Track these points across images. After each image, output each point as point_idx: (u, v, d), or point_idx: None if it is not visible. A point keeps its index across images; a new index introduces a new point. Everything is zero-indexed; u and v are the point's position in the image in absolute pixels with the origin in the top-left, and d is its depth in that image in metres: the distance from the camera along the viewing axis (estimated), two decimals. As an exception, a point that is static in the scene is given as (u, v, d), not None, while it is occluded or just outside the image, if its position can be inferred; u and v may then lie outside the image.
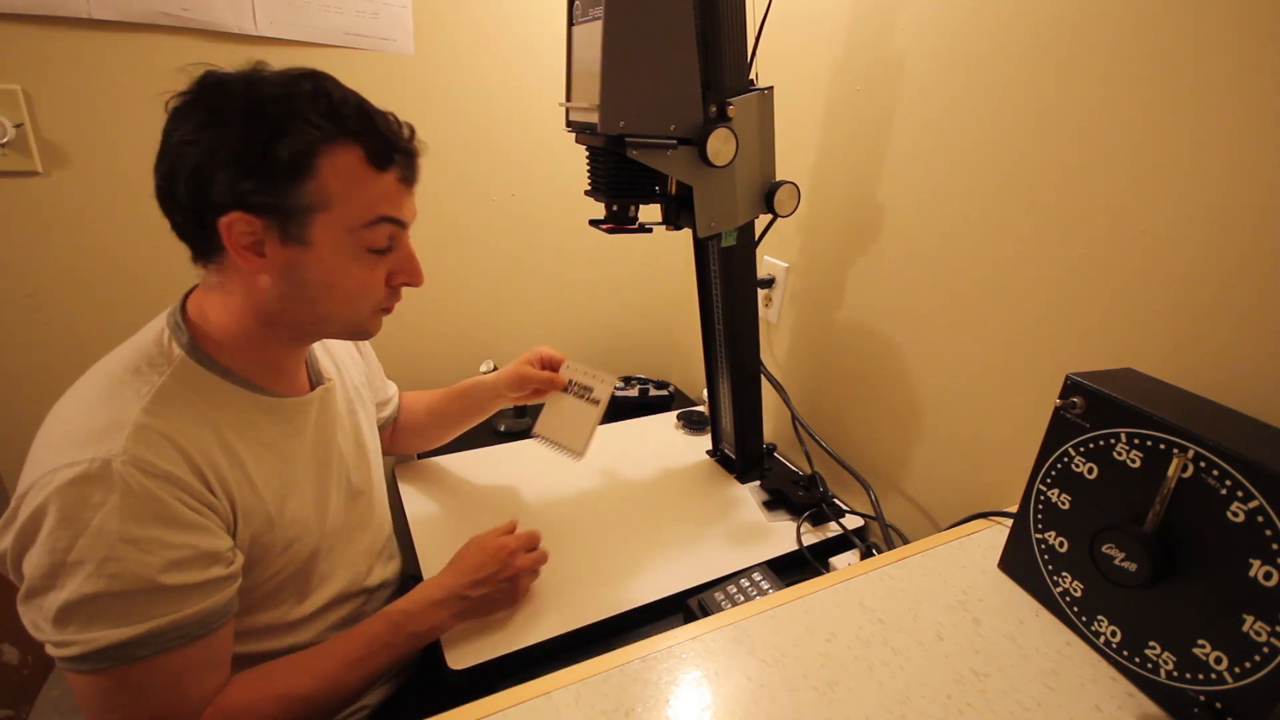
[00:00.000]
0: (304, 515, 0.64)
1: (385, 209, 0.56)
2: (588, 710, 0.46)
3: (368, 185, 0.55)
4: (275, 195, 0.52)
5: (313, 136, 0.51)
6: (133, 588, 0.49)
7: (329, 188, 0.53)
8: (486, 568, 0.68)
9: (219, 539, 0.54)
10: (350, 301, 0.59)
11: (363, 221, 0.55)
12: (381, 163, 0.55)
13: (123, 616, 0.49)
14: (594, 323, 1.41)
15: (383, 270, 0.59)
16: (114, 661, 0.49)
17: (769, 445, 1.04)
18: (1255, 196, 0.54)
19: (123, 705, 0.51)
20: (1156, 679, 0.48)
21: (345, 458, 0.72)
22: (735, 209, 0.77)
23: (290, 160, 0.51)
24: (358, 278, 0.58)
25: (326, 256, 0.55)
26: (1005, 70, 0.72)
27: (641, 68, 0.64)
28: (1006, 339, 0.76)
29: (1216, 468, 0.44)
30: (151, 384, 0.54)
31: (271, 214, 0.52)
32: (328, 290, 0.57)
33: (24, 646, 0.72)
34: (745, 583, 0.73)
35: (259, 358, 0.61)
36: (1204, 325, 0.58)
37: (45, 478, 0.49)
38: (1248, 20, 0.53)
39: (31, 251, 0.92)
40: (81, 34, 0.86)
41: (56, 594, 0.48)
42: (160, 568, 0.50)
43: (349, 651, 0.62)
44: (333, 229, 0.54)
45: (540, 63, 1.13)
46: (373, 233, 0.56)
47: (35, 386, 0.96)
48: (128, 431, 0.50)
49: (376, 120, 0.55)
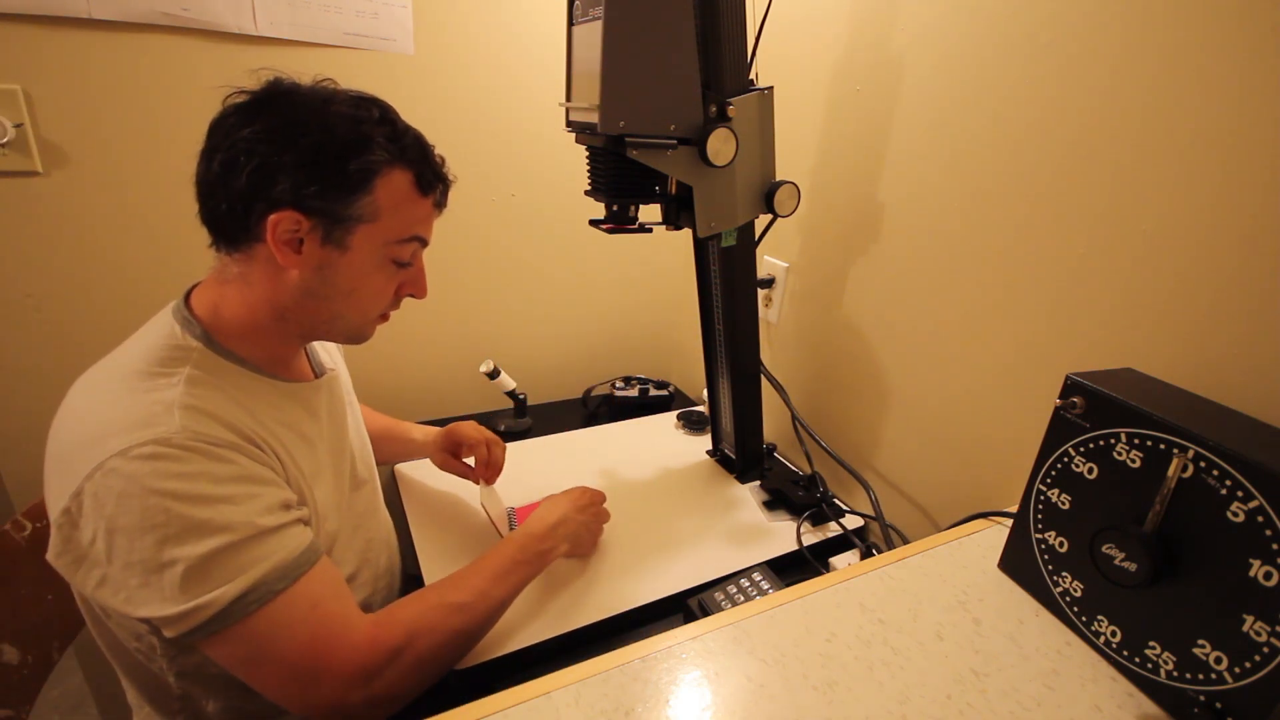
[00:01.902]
0: (327, 497, 0.67)
1: (420, 229, 0.63)
2: (588, 710, 0.46)
3: (412, 207, 0.61)
4: (333, 203, 0.56)
5: (379, 158, 0.57)
6: (244, 535, 0.52)
7: (380, 204, 0.58)
8: (584, 499, 0.81)
9: (287, 490, 0.58)
10: (363, 307, 0.63)
11: (400, 237, 0.61)
12: (426, 189, 0.62)
13: (244, 563, 0.51)
14: (594, 323, 1.41)
15: (395, 282, 0.65)
16: (256, 605, 0.51)
17: (769, 445, 1.04)
18: (1255, 196, 0.54)
19: (271, 649, 0.52)
20: (1156, 679, 0.48)
21: (352, 446, 0.75)
22: (735, 209, 0.77)
23: (356, 175, 0.56)
24: (377, 286, 0.63)
25: (358, 263, 0.60)
26: (1005, 70, 0.72)
27: (641, 68, 0.64)
28: (1007, 339, 0.76)
29: (1216, 468, 0.44)
30: (179, 374, 0.56)
31: (322, 217, 0.56)
32: (348, 293, 0.61)
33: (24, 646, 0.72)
34: (745, 583, 0.73)
35: (266, 348, 0.63)
36: (1204, 325, 0.58)
37: (106, 465, 0.49)
38: (1248, 20, 0.53)
39: (31, 251, 0.92)
40: (81, 34, 0.86)
41: (173, 567, 0.49)
42: (258, 512, 0.53)
43: (492, 567, 0.67)
44: (372, 240, 0.59)
45: (540, 63, 1.13)
46: (403, 248, 0.62)
47: (34, 386, 0.96)
48: (177, 412, 0.52)
49: (428, 151, 0.62)
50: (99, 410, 0.53)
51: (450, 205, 0.67)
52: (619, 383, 1.31)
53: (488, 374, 1.15)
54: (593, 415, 1.29)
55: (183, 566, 0.49)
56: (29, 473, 0.98)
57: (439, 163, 0.64)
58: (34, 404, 0.96)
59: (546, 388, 1.36)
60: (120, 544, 0.49)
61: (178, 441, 0.51)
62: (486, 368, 1.15)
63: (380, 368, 1.18)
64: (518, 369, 1.25)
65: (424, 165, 0.61)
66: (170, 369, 0.56)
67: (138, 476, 0.49)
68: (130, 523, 0.49)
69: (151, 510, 0.49)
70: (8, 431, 0.96)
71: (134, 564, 0.49)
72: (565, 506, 0.78)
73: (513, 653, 0.68)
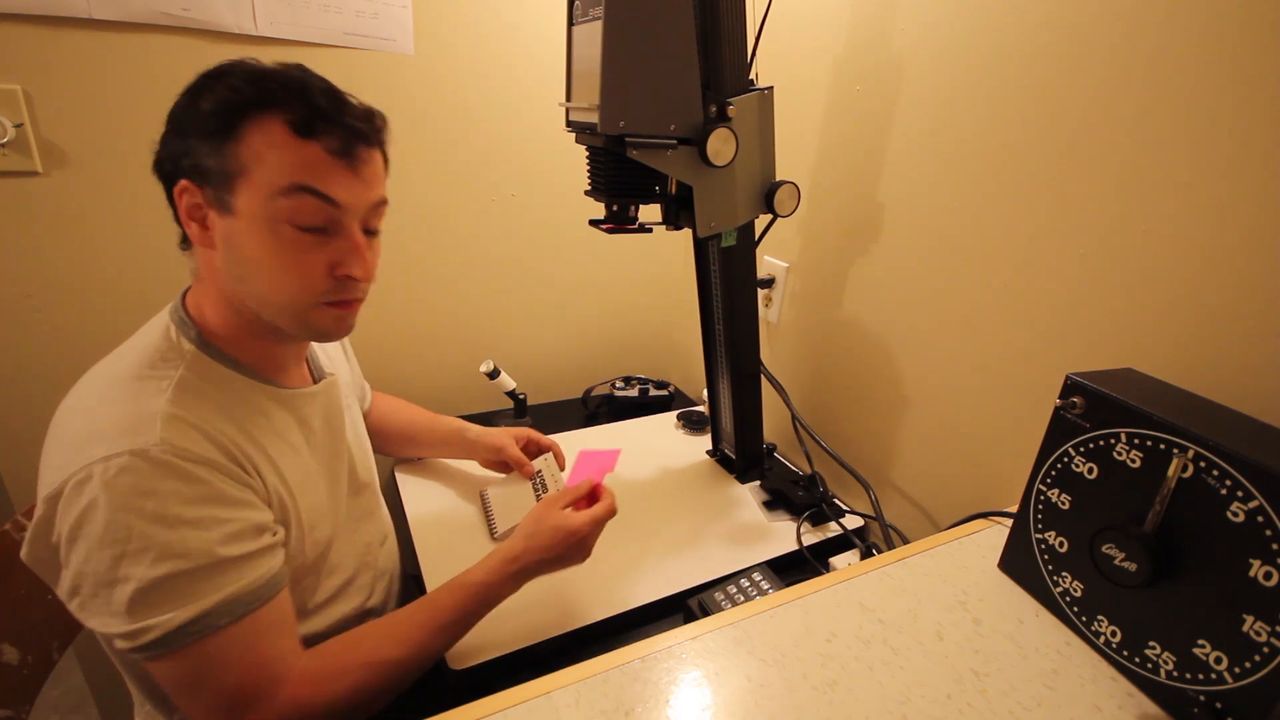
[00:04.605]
0: (319, 504, 0.66)
1: (304, 177, 0.54)
2: (588, 710, 0.46)
3: (288, 151, 0.53)
4: (204, 158, 0.53)
5: (231, 97, 0.52)
6: (199, 564, 0.50)
7: (249, 152, 0.53)
8: (561, 548, 0.68)
9: (263, 512, 0.57)
10: (279, 285, 0.56)
11: (279, 188, 0.53)
12: (305, 131, 0.53)
13: (195, 592, 0.50)
14: (594, 323, 1.41)
15: (321, 257, 0.56)
16: (195, 636, 0.50)
17: (769, 445, 1.04)
18: (1256, 196, 0.54)
19: (208, 678, 0.52)
20: (1156, 679, 0.48)
21: (351, 450, 0.74)
22: (735, 209, 0.77)
23: (210, 116, 0.52)
24: (285, 259, 0.55)
25: (250, 229, 0.54)
26: (1005, 70, 0.72)
27: (641, 68, 0.64)
28: (1006, 339, 0.76)
29: (1216, 468, 0.44)
30: (170, 378, 0.55)
31: (204, 180, 0.54)
32: (256, 267, 0.55)
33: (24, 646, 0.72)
34: (745, 583, 0.73)
35: (257, 350, 0.62)
36: (1204, 325, 0.58)
37: (80, 474, 0.49)
38: (1248, 19, 0.53)
39: (31, 252, 0.92)
40: (81, 34, 0.86)
41: (125, 585, 0.48)
42: (220, 541, 0.52)
43: (435, 619, 0.63)
44: (254, 196, 0.53)
45: (540, 63, 1.13)
46: (292, 203, 0.54)
47: (34, 387, 0.96)
48: (159, 422, 0.51)
49: (310, 89, 0.54)
50: (88, 413, 0.53)
51: (451, 205, 0.67)
52: (619, 383, 1.31)
53: (488, 374, 1.15)
54: (593, 415, 1.29)
55: (134, 586, 0.48)
56: (29, 473, 0.97)
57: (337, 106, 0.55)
58: (34, 404, 0.96)
59: (546, 388, 1.36)
60: (80, 551, 0.49)
61: (154, 455, 0.50)
62: (486, 368, 1.15)
63: (380, 367, 1.18)
64: (518, 369, 1.25)
65: (300, 103, 0.53)
66: (163, 372, 0.55)
67: (109, 488, 0.48)
68: (93, 532, 0.48)
69: (115, 525, 0.48)
70: (8, 431, 0.96)
71: (88, 574, 0.49)
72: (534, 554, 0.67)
73: (513, 653, 0.68)
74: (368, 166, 0.57)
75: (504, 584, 0.66)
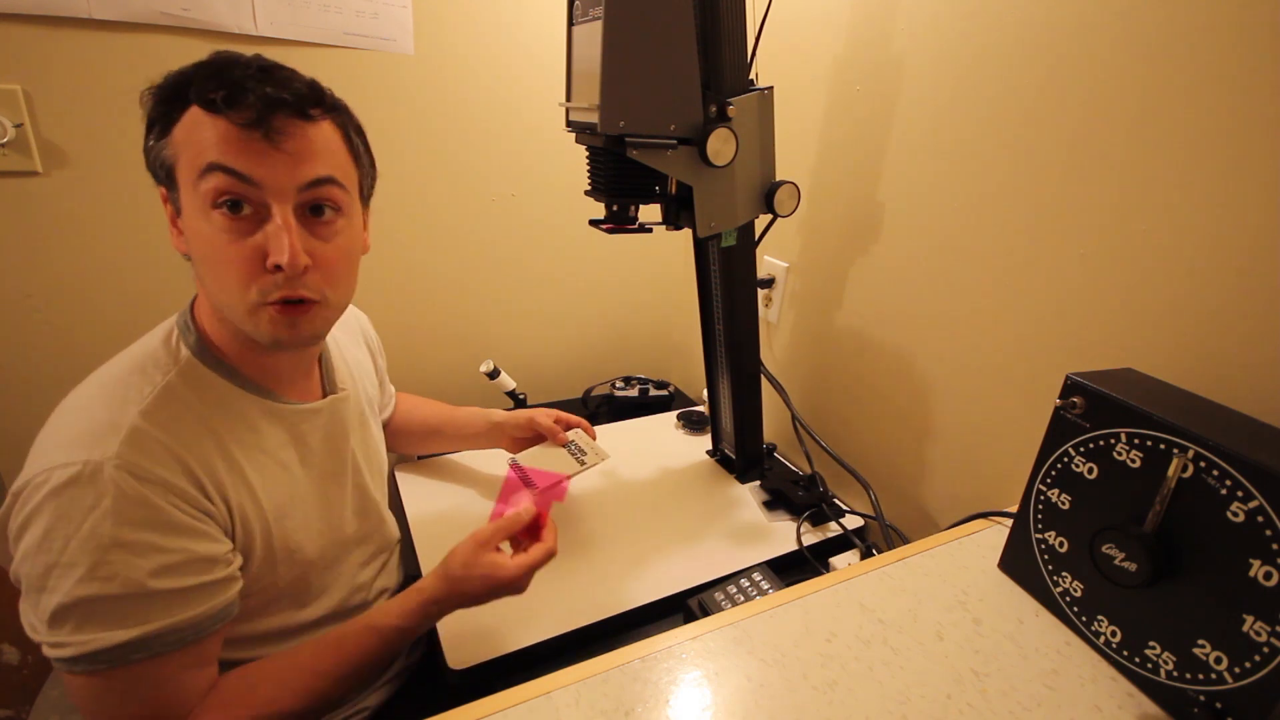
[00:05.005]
0: (306, 524, 0.63)
1: (215, 155, 0.50)
2: (588, 710, 0.46)
3: (201, 132, 0.50)
4: (153, 161, 0.53)
5: (160, 92, 0.52)
6: (125, 591, 0.48)
7: (176, 142, 0.51)
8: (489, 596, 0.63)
9: (216, 543, 0.54)
10: (220, 280, 0.53)
11: (197, 170, 0.50)
12: (214, 106, 0.49)
13: (116, 620, 0.48)
14: (594, 323, 1.41)
15: (247, 246, 0.52)
16: (108, 664, 0.48)
17: (769, 445, 1.04)
18: (1256, 196, 0.54)
19: (112, 706, 0.51)
20: (1156, 679, 0.48)
21: (359, 469, 0.71)
22: (735, 209, 0.77)
23: (151, 118, 0.53)
24: (216, 246, 0.52)
25: (189, 221, 0.52)
26: (1005, 70, 0.72)
27: (641, 68, 0.64)
28: (1006, 339, 0.76)
29: (1216, 468, 0.44)
30: (154, 384, 0.54)
31: (159, 181, 0.54)
32: (202, 263, 0.54)
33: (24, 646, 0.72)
34: (745, 583, 0.73)
35: (253, 360, 0.60)
36: (1204, 325, 0.58)
37: (40, 477, 0.49)
38: (1247, 18, 0.53)
39: (31, 252, 0.92)
40: (81, 34, 0.86)
41: (50, 595, 0.48)
42: (151, 572, 0.49)
43: (339, 665, 0.59)
44: (185, 187, 0.52)
45: (540, 63, 1.13)
46: (209, 185, 0.50)
47: (34, 387, 0.96)
48: (122, 435, 0.50)
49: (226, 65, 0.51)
50: (70, 413, 0.53)
51: (450, 205, 0.66)
52: (619, 383, 1.31)
53: (488, 374, 1.15)
54: (593, 415, 1.29)
55: (58, 599, 0.47)
56: (29, 473, 0.98)
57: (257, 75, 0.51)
58: (34, 404, 0.96)
59: (546, 388, 1.36)
60: (20, 550, 0.49)
61: (106, 471, 0.48)
62: (486, 368, 1.15)
63: (380, 368, 1.18)
64: (518, 369, 1.25)
65: (213, 82, 0.49)
66: (152, 376, 0.54)
67: (55, 495, 0.48)
68: (33, 537, 0.48)
69: (52, 535, 0.48)
70: (8, 431, 0.96)
71: (23, 575, 0.49)
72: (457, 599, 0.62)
73: (513, 653, 0.68)
74: (291, 140, 0.51)
75: (420, 626, 0.62)
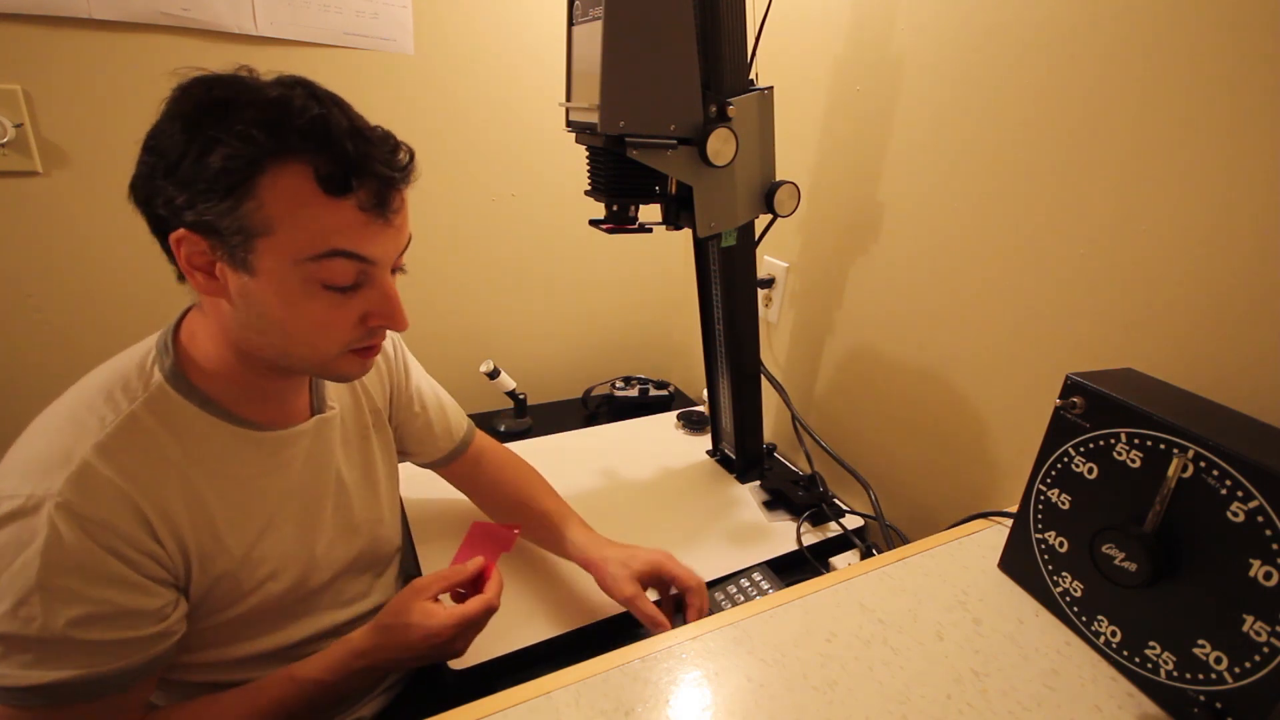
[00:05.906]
0: (282, 551, 0.60)
1: (339, 242, 0.48)
2: (588, 710, 0.46)
3: (317, 212, 0.47)
4: (211, 216, 0.46)
5: (245, 150, 0.45)
6: (41, 636, 0.46)
7: (270, 211, 0.46)
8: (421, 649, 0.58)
9: (149, 597, 0.50)
10: (309, 341, 0.52)
11: (311, 254, 0.48)
12: (334, 188, 0.47)
13: (30, 661, 0.46)
14: (594, 323, 1.41)
15: (353, 309, 0.52)
16: (17, 703, 0.46)
17: (769, 445, 1.04)
18: (1256, 196, 0.54)
19: None
20: (1156, 679, 0.48)
21: (345, 490, 0.67)
22: (735, 209, 0.77)
23: (222, 174, 0.45)
24: (317, 317, 0.51)
25: (276, 289, 0.49)
26: (1005, 70, 0.72)
27: (641, 68, 0.64)
28: (1006, 339, 0.76)
29: (1216, 468, 0.44)
30: (119, 412, 0.51)
31: (211, 234, 0.47)
32: (282, 326, 0.51)
33: None
34: (745, 583, 0.73)
35: (244, 385, 0.57)
36: (1204, 325, 0.58)
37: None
38: (1246, 18, 0.53)
39: (31, 252, 0.92)
40: (81, 34, 0.86)
41: None
42: (71, 620, 0.46)
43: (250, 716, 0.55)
44: (279, 258, 0.47)
45: (540, 63, 1.13)
46: (326, 267, 0.49)
47: (34, 388, 0.96)
48: (71, 470, 0.47)
49: (337, 136, 0.47)
50: (38, 435, 0.51)
51: (450, 205, 0.66)
52: (619, 383, 1.31)
53: (488, 374, 1.15)
54: (593, 415, 1.29)
55: None
56: (29, 473, 0.98)
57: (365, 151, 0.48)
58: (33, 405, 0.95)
59: (546, 388, 1.36)
60: None
61: (45, 510, 0.46)
62: (486, 368, 1.15)
63: (380, 368, 1.18)
64: (518, 369, 1.25)
65: (326, 156, 0.46)
66: (119, 403, 0.51)
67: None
68: None
69: None
70: (7, 432, 0.96)
71: None
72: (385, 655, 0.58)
73: (513, 653, 0.68)
74: (400, 214, 0.52)
75: (347, 681, 0.58)
